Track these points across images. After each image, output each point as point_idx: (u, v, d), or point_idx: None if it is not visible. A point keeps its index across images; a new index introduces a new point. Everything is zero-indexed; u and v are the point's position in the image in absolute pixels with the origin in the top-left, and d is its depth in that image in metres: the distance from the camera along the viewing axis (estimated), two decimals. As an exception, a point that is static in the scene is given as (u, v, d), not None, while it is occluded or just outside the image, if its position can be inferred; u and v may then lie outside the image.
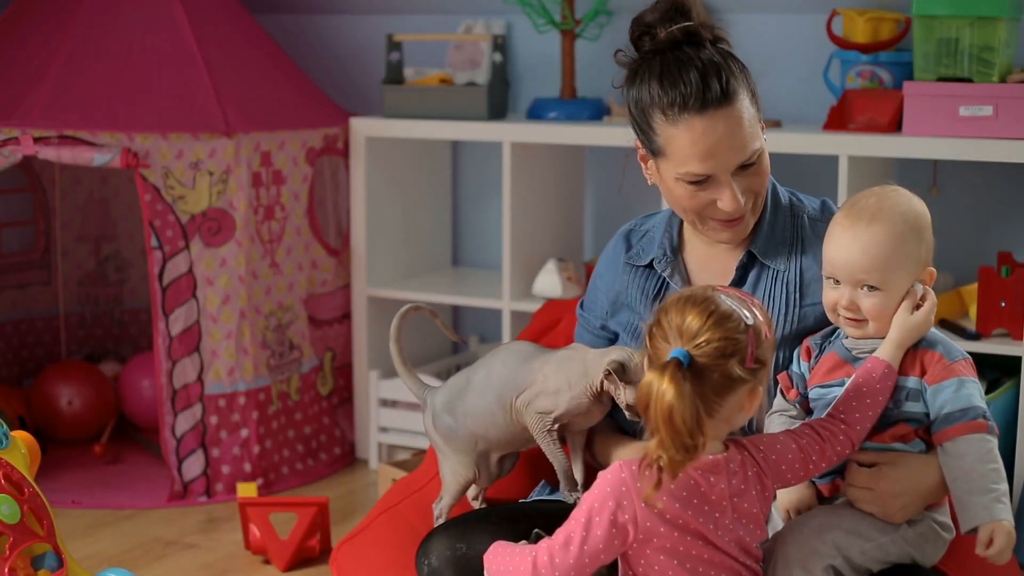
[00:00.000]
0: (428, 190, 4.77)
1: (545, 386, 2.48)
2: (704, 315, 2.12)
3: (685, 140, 2.42)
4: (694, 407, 2.05)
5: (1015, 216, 4.00)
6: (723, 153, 2.41)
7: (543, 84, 4.63)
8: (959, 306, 3.96)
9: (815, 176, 3.98)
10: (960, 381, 2.30)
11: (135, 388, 4.62)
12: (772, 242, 2.52)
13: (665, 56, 2.44)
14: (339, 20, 5.03)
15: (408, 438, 4.49)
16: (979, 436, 2.27)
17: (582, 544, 2.14)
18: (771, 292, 2.55)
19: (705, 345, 2.10)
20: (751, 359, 2.12)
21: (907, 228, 2.35)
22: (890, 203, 2.37)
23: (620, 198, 4.51)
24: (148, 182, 4.03)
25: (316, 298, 4.48)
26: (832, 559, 2.27)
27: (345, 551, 3.02)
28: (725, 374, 2.11)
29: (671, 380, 2.05)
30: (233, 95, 4.24)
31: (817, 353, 2.44)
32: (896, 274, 2.34)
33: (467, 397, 2.59)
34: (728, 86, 2.41)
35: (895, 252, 2.34)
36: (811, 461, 2.26)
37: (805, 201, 2.62)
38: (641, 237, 2.71)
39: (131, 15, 4.31)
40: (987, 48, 3.70)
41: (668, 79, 2.42)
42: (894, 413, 2.32)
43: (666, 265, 2.63)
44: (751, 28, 4.32)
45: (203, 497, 4.18)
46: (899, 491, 2.31)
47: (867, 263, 2.34)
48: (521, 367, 2.53)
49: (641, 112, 2.47)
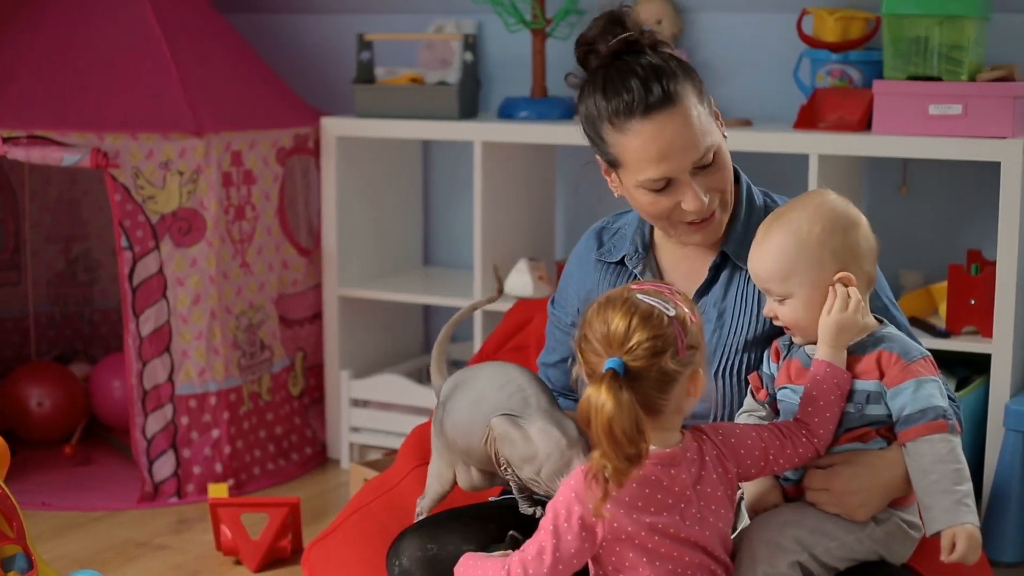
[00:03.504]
0: (399, 190, 4.77)
1: (525, 446, 2.42)
2: (627, 319, 2.12)
3: (636, 146, 2.42)
4: (633, 416, 2.05)
5: (984, 214, 4.02)
6: (676, 154, 2.42)
7: (514, 83, 4.63)
8: (929, 304, 3.98)
9: (786, 175, 3.99)
10: (918, 382, 2.29)
11: (105, 389, 4.60)
12: (745, 243, 2.52)
13: (607, 69, 2.45)
14: (310, 19, 5.02)
15: (380, 438, 4.48)
16: (939, 436, 2.26)
17: (555, 552, 2.14)
18: (744, 293, 2.55)
19: (636, 348, 2.10)
20: (683, 349, 2.13)
21: (807, 234, 2.33)
22: (793, 212, 2.37)
23: (591, 197, 4.52)
24: (118, 182, 4.02)
25: (287, 298, 4.47)
26: (797, 555, 2.27)
27: (317, 551, 3.02)
28: (662, 371, 2.12)
29: (608, 391, 2.06)
30: (203, 95, 4.23)
31: (785, 354, 2.44)
32: (796, 281, 2.34)
33: (455, 402, 2.55)
34: (669, 87, 2.41)
35: (789, 261, 2.34)
36: (771, 452, 2.27)
37: (779, 201, 2.63)
38: (613, 235, 2.71)
39: (101, 15, 4.30)
40: (956, 47, 3.71)
41: (610, 89, 2.43)
42: (858, 418, 2.33)
43: (638, 262, 2.63)
44: (722, 27, 4.33)
45: (174, 498, 4.17)
46: (856, 488, 2.31)
47: (765, 274, 2.38)
48: (510, 410, 2.48)
49: (591, 126, 2.48)
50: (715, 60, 4.36)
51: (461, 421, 2.51)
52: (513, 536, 2.40)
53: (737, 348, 2.53)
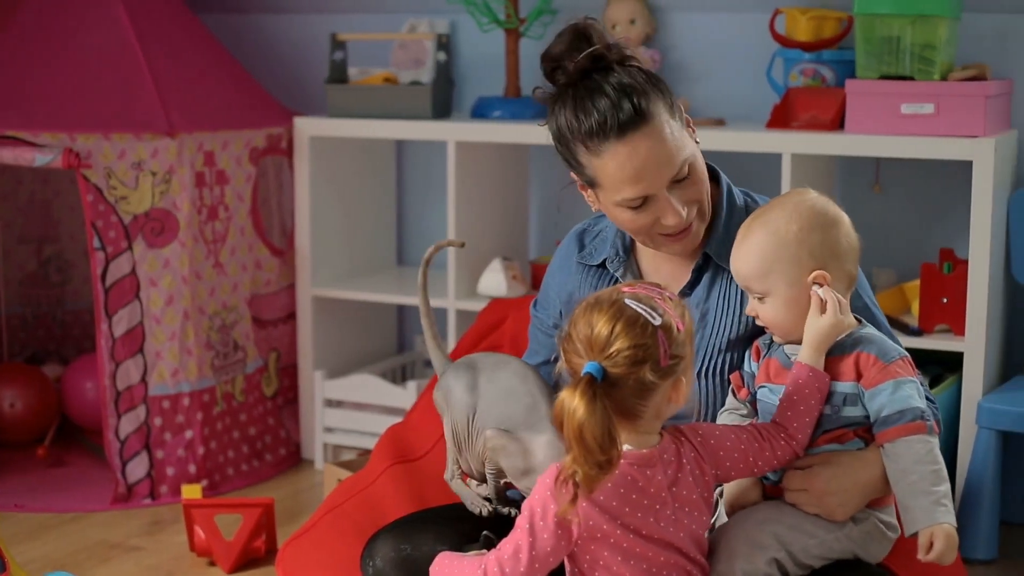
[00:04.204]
0: (372, 189, 4.77)
1: (523, 459, 2.42)
2: (611, 324, 2.11)
3: (612, 167, 2.41)
4: (605, 424, 2.05)
5: (957, 213, 4.03)
6: (652, 172, 2.41)
7: (487, 83, 4.62)
8: (902, 302, 3.99)
9: (759, 174, 3.99)
10: (896, 383, 2.29)
11: (78, 390, 4.59)
12: (727, 243, 2.52)
13: (576, 87, 2.43)
14: (283, 19, 5.01)
15: (354, 438, 4.48)
16: (917, 437, 2.26)
17: (531, 550, 2.14)
18: (726, 293, 2.56)
19: (616, 355, 2.09)
20: (665, 358, 2.12)
21: (785, 233, 2.33)
22: (773, 211, 2.37)
23: (565, 196, 4.52)
24: (90, 182, 4.00)
25: (260, 298, 4.46)
26: (775, 552, 2.28)
27: (291, 552, 3.01)
28: (640, 380, 2.11)
29: (582, 397, 2.05)
30: (176, 95, 4.22)
31: (765, 352, 2.44)
32: (775, 279, 2.34)
33: (454, 396, 2.52)
34: (640, 105, 2.39)
35: (768, 259, 2.34)
36: (750, 454, 2.27)
37: (760, 201, 2.63)
38: (594, 237, 2.71)
39: (73, 15, 4.28)
40: (928, 46, 3.72)
41: (581, 110, 2.41)
42: (835, 420, 2.33)
43: (619, 265, 2.63)
44: (694, 27, 4.34)
45: (148, 499, 4.16)
46: (835, 488, 2.32)
47: (745, 273, 2.38)
48: (517, 421, 2.44)
49: (565, 147, 2.47)
50: (688, 59, 4.37)
51: (460, 417, 2.49)
52: (487, 536, 2.40)
53: (720, 348, 2.54)
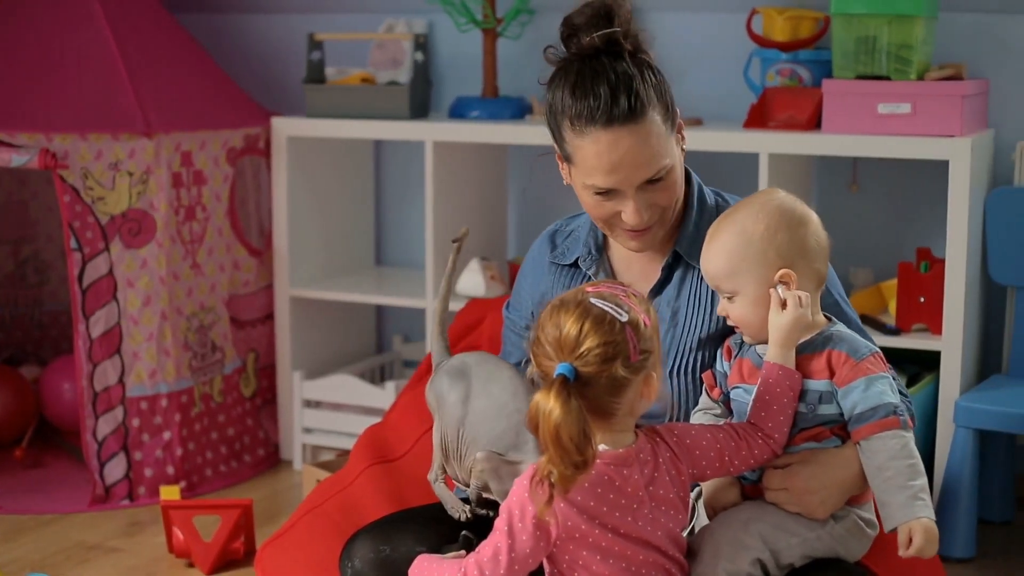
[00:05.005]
0: (350, 190, 4.76)
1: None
2: (579, 323, 2.11)
3: (590, 152, 2.42)
4: (580, 423, 2.05)
5: (933, 212, 4.05)
6: (627, 169, 2.42)
7: (465, 83, 4.62)
8: (879, 301, 4.00)
9: (736, 174, 4.00)
10: (868, 380, 2.30)
11: (56, 391, 4.57)
12: (697, 242, 2.52)
13: (582, 64, 2.44)
14: (260, 19, 5.00)
15: (332, 439, 4.47)
16: (891, 433, 2.27)
17: (510, 552, 2.14)
18: (696, 291, 2.56)
19: (587, 355, 2.10)
20: (635, 353, 2.13)
21: (752, 232, 2.34)
22: (740, 211, 2.38)
23: (542, 197, 4.52)
24: (67, 183, 3.99)
25: (238, 299, 4.46)
26: (759, 553, 2.28)
27: (269, 552, 3.01)
28: (612, 377, 2.11)
29: (557, 398, 2.06)
30: (153, 95, 4.21)
31: (737, 352, 2.45)
32: (743, 279, 2.35)
33: (446, 404, 2.52)
34: (637, 102, 2.40)
35: (736, 258, 2.34)
36: (726, 454, 2.27)
37: (731, 201, 2.63)
38: (566, 237, 2.72)
39: (49, 14, 4.27)
40: (905, 46, 3.74)
41: (579, 90, 2.42)
42: (811, 418, 2.33)
43: (591, 263, 2.64)
44: (672, 26, 4.34)
45: (126, 501, 4.15)
46: (815, 487, 2.32)
47: (713, 272, 2.39)
48: (508, 443, 2.42)
49: (554, 119, 2.48)
50: (665, 59, 4.32)
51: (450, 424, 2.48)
52: (466, 536, 2.40)
53: (691, 347, 2.54)
